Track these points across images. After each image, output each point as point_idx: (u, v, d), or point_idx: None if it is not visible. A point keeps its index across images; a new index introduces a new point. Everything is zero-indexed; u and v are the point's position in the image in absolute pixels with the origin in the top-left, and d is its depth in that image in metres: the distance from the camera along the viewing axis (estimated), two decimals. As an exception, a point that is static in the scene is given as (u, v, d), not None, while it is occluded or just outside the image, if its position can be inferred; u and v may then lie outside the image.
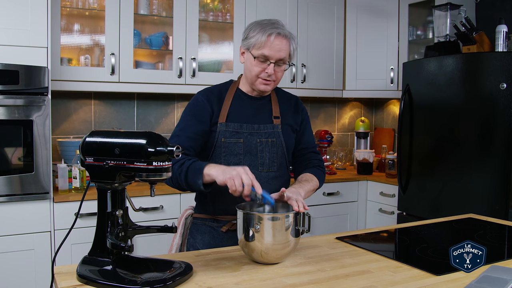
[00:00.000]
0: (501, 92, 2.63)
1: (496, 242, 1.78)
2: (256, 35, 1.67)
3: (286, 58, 1.71)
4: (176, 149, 1.28)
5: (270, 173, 1.76)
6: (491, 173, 2.70)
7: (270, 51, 1.67)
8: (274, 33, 1.66)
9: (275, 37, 1.66)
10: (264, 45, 1.66)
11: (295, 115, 1.88)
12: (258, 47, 1.67)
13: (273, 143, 1.77)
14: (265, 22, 1.71)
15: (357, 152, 3.86)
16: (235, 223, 1.69)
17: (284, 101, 1.89)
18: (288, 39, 1.70)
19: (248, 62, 1.73)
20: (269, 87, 1.76)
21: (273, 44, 1.66)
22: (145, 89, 3.10)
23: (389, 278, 1.33)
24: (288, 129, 1.83)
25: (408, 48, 3.72)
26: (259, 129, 1.76)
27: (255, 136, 1.75)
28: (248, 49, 1.71)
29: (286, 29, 1.72)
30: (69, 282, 1.26)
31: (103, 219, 1.33)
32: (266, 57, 1.68)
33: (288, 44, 1.70)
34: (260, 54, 1.68)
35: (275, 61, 1.69)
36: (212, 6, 3.43)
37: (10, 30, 2.46)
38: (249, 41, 1.70)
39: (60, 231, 2.59)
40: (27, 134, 2.48)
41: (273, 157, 1.77)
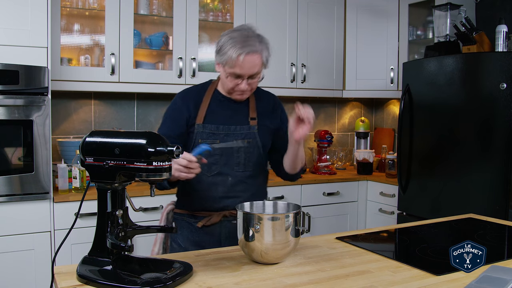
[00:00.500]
0: (501, 92, 2.63)
1: (496, 242, 1.78)
2: (227, 53, 1.68)
3: (259, 71, 1.74)
4: (176, 149, 1.28)
5: (246, 172, 1.82)
6: (491, 173, 2.69)
7: (241, 70, 1.69)
8: (244, 53, 1.66)
9: (245, 57, 1.67)
10: (235, 65, 1.68)
11: (273, 116, 1.92)
12: (230, 66, 1.70)
13: (249, 144, 1.81)
14: (235, 36, 1.70)
15: (357, 152, 3.86)
16: (210, 218, 1.79)
17: (262, 101, 1.91)
18: (259, 53, 1.70)
19: (223, 75, 1.76)
20: (245, 96, 1.81)
21: (244, 63, 1.68)
22: (145, 89, 3.10)
23: (389, 278, 1.33)
24: (264, 129, 1.87)
25: (408, 48, 3.72)
26: (236, 130, 1.81)
27: (231, 137, 1.80)
28: (221, 64, 1.74)
29: (257, 40, 1.71)
30: (69, 282, 1.26)
31: (103, 219, 1.33)
32: (238, 75, 1.71)
33: (259, 58, 1.71)
34: (232, 72, 1.71)
35: (247, 77, 1.72)
36: (212, 6, 3.43)
37: (10, 30, 2.46)
38: (222, 58, 1.71)
39: (60, 231, 2.59)
40: (27, 134, 2.48)
41: (249, 157, 1.82)
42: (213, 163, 1.78)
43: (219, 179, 1.79)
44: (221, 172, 1.80)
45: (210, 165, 1.78)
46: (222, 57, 1.71)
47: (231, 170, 1.80)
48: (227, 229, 1.82)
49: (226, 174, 1.80)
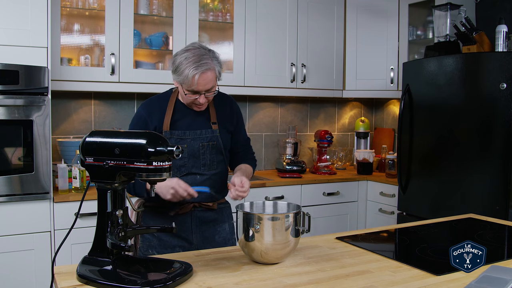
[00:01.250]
0: (501, 92, 2.63)
1: (496, 242, 1.78)
2: (184, 73, 1.78)
3: (215, 84, 1.86)
4: (176, 149, 1.28)
5: (211, 171, 1.98)
6: (491, 173, 2.70)
7: (198, 87, 1.81)
8: (199, 72, 1.77)
9: (200, 75, 1.78)
10: (191, 84, 1.79)
11: (231, 117, 2.06)
12: (187, 86, 1.81)
13: (213, 146, 1.97)
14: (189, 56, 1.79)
15: (357, 152, 3.86)
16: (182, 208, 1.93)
17: (220, 105, 2.04)
18: (212, 70, 1.81)
19: (181, 92, 1.88)
20: (203, 107, 1.94)
21: (200, 81, 1.79)
22: (145, 89, 3.10)
23: (389, 278, 1.33)
24: (224, 131, 2.02)
25: (408, 48, 3.72)
26: (201, 134, 1.95)
27: (197, 140, 1.94)
28: (178, 82, 1.85)
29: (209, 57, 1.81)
30: (69, 282, 1.26)
31: (103, 219, 1.33)
32: (195, 92, 1.83)
33: (213, 74, 1.82)
34: (190, 90, 1.83)
35: (204, 92, 1.84)
36: (212, 6, 3.43)
37: (10, 30, 2.46)
38: (179, 77, 1.82)
39: (60, 231, 2.59)
40: (27, 134, 2.48)
41: (213, 157, 1.98)
42: (181, 165, 1.94)
43: (188, 178, 1.92)
44: (190, 172, 1.95)
45: (179, 167, 1.93)
46: (179, 76, 1.81)
47: (199, 170, 1.96)
48: (198, 218, 1.97)
49: (195, 174, 1.95)
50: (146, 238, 1.96)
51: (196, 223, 1.96)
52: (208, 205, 1.97)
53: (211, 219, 2.00)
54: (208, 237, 1.98)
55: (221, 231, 2.02)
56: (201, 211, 1.97)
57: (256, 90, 3.48)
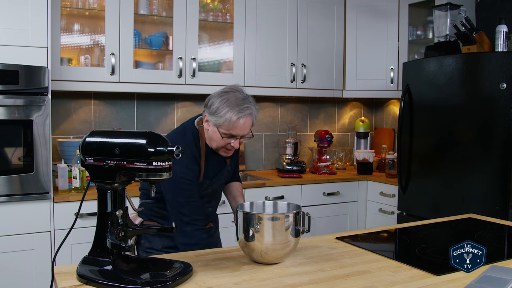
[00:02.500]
0: (501, 92, 2.63)
1: (496, 242, 1.78)
2: (226, 116, 1.71)
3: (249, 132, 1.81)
4: (176, 149, 1.28)
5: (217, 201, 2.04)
6: (491, 173, 2.69)
7: (237, 131, 1.75)
8: (243, 116, 1.72)
9: (243, 120, 1.73)
10: (233, 127, 1.73)
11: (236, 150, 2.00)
12: (227, 128, 1.73)
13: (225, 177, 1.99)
14: (231, 99, 1.73)
15: (357, 152, 3.86)
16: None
17: None
18: (252, 115, 1.77)
19: (214, 134, 1.79)
20: (230, 153, 1.87)
21: (242, 126, 1.74)
22: (145, 89, 3.10)
23: (389, 278, 1.33)
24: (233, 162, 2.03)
25: (408, 48, 3.72)
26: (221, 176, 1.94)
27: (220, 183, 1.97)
28: (215, 124, 1.76)
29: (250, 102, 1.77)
30: (69, 282, 1.26)
31: (103, 219, 1.33)
32: (233, 136, 1.77)
33: (252, 119, 1.78)
34: (229, 133, 1.75)
35: (240, 137, 1.79)
36: (212, 6, 3.43)
37: (10, 30, 2.46)
38: (218, 120, 1.73)
39: (60, 231, 2.59)
40: (27, 134, 2.48)
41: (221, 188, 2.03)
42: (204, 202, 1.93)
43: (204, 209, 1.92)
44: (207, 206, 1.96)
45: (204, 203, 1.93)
46: (218, 119, 1.73)
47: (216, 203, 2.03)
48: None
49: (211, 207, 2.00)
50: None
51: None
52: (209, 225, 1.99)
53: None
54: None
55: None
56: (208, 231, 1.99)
57: (256, 90, 3.47)
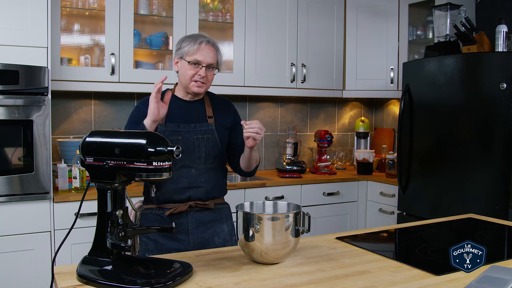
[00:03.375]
0: (501, 92, 2.63)
1: (496, 242, 1.78)
2: (189, 44, 1.93)
3: (215, 64, 1.96)
4: (176, 149, 1.28)
5: (207, 165, 1.97)
6: (491, 173, 2.70)
7: (201, 56, 1.92)
8: (204, 41, 1.94)
9: (205, 45, 1.93)
10: (196, 51, 1.92)
11: (227, 115, 2.09)
12: (191, 54, 1.92)
13: (208, 139, 1.98)
14: (195, 34, 2.00)
15: (357, 152, 3.86)
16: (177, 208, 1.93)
17: (217, 103, 2.09)
18: (215, 49, 1.97)
19: (183, 68, 1.95)
20: (202, 89, 1.97)
21: (204, 50, 1.92)
22: (145, 89, 3.10)
23: (389, 278, 1.33)
24: (221, 127, 2.03)
25: (408, 48, 3.72)
26: (195, 127, 1.97)
27: (192, 133, 1.96)
28: (182, 57, 1.95)
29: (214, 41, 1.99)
30: (69, 282, 1.26)
31: (103, 219, 1.33)
32: (198, 61, 1.91)
33: (215, 53, 1.96)
34: (193, 59, 1.92)
35: (206, 65, 1.92)
36: (212, 6, 3.43)
37: (10, 30, 2.46)
38: (183, 50, 1.94)
39: (60, 231, 2.59)
40: (27, 134, 2.48)
41: (209, 151, 1.98)
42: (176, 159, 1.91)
43: (183, 171, 1.93)
44: (185, 165, 1.94)
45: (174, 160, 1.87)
46: (182, 49, 1.94)
47: (194, 163, 1.95)
48: (194, 219, 1.96)
49: (189, 167, 1.94)
50: (143, 242, 1.96)
51: (193, 224, 1.95)
52: (205, 204, 1.96)
53: (209, 219, 1.99)
54: (207, 239, 1.96)
55: (220, 232, 2.01)
56: (198, 211, 1.96)
57: (256, 90, 3.48)
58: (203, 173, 1.96)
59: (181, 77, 1.98)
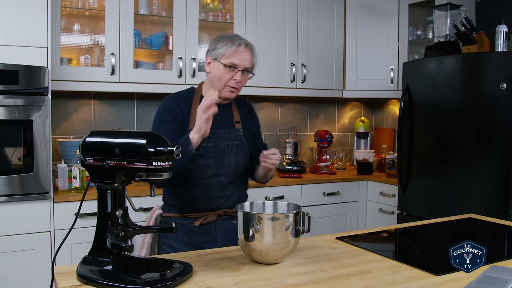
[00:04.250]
0: (501, 92, 2.63)
1: (496, 242, 1.78)
2: (225, 46, 1.83)
3: (251, 68, 1.88)
4: (176, 149, 1.28)
5: (236, 173, 1.91)
6: (491, 173, 2.69)
7: (238, 60, 1.82)
8: (243, 44, 1.84)
9: (243, 48, 1.84)
10: (233, 54, 1.82)
11: (251, 121, 2.04)
12: (228, 56, 1.82)
13: (238, 146, 1.92)
14: (231, 35, 1.89)
15: (357, 152, 3.86)
16: (207, 217, 1.85)
17: (242, 107, 2.03)
18: (252, 52, 1.88)
19: (217, 70, 1.85)
20: (234, 94, 1.90)
21: (241, 54, 1.83)
22: (145, 89, 3.10)
23: (389, 278, 1.33)
24: (247, 133, 1.98)
25: (408, 48, 3.72)
26: (225, 133, 1.90)
27: (222, 140, 1.89)
28: (216, 58, 1.85)
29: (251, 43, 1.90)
30: (69, 282, 1.26)
31: (103, 219, 1.33)
32: (235, 65, 1.83)
33: (251, 56, 1.87)
34: (230, 62, 1.82)
35: (242, 69, 1.84)
36: (212, 6, 3.43)
37: (10, 30, 2.46)
38: (218, 51, 1.84)
39: (60, 231, 2.59)
40: (27, 134, 2.48)
41: (238, 158, 1.92)
42: (207, 166, 1.85)
43: (214, 180, 1.86)
44: (215, 174, 1.87)
45: (204, 167, 1.85)
46: (218, 51, 1.83)
47: (224, 171, 1.88)
48: (222, 228, 1.89)
49: (220, 175, 1.87)
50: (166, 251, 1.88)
51: (221, 233, 1.88)
52: (233, 212, 1.88)
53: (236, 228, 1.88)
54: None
55: None
56: (226, 219, 1.88)
57: (256, 90, 3.48)
58: (232, 182, 1.90)
59: (213, 80, 1.87)
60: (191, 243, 1.87)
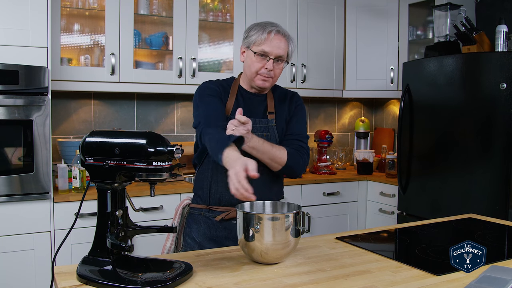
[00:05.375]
0: (501, 92, 2.63)
1: (496, 242, 1.78)
2: (257, 33, 1.77)
3: (284, 56, 1.80)
4: (176, 149, 1.28)
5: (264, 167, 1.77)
6: (491, 173, 2.69)
7: (269, 47, 1.76)
8: (274, 30, 1.76)
9: (274, 34, 1.76)
10: (264, 42, 1.75)
11: (287, 108, 1.94)
12: (259, 44, 1.76)
13: (267, 137, 1.82)
14: (265, 22, 1.82)
15: (357, 152, 3.86)
16: (229, 213, 1.80)
17: (281, 97, 1.95)
18: (286, 39, 1.79)
19: (248, 59, 1.81)
20: (267, 84, 1.83)
21: (273, 41, 1.75)
22: (145, 89, 3.10)
23: (389, 278, 1.33)
24: (280, 123, 1.89)
25: (408, 48, 3.72)
26: (255, 123, 1.81)
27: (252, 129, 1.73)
28: (248, 47, 1.80)
29: (286, 30, 1.82)
30: (69, 282, 1.26)
31: (103, 219, 1.33)
32: (266, 53, 1.76)
33: (286, 43, 1.79)
34: (260, 50, 1.76)
35: (274, 57, 1.77)
36: (212, 6, 3.43)
37: (10, 30, 2.46)
38: (250, 39, 1.79)
39: (60, 231, 2.59)
40: (27, 134, 2.48)
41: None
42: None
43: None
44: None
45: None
46: (250, 38, 1.78)
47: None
48: None
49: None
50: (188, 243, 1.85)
51: None
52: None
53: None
54: None
55: None
56: None
57: (256, 90, 3.47)
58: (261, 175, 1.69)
59: (246, 69, 1.84)
60: (212, 238, 1.83)
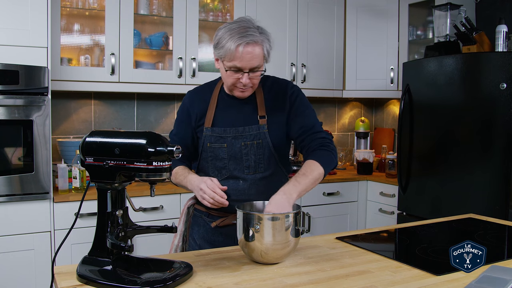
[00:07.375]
0: (501, 92, 2.63)
1: (496, 242, 1.78)
2: (226, 45, 1.58)
3: (260, 65, 1.64)
4: (176, 149, 1.28)
5: (257, 175, 1.74)
6: (491, 173, 2.69)
7: (241, 63, 1.59)
8: (243, 43, 1.57)
9: (244, 47, 1.57)
10: (234, 57, 1.58)
11: (283, 105, 1.77)
12: (229, 59, 1.60)
13: (258, 145, 1.72)
14: (234, 28, 1.60)
15: (357, 152, 3.86)
16: (224, 220, 1.77)
17: (272, 94, 1.78)
18: (259, 44, 1.60)
19: (222, 71, 1.67)
20: (247, 93, 1.70)
21: (243, 55, 1.58)
22: (145, 89, 3.10)
23: (389, 278, 1.33)
24: (275, 126, 1.75)
25: (408, 48, 3.72)
26: (244, 131, 1.72)
27: (239, 139, 1.72)
28: (220, 59, 1.65)
29: (257, 31, 1.61)
30: (69, 282, 1.26)
31: (103, 219, 1.33)
32: (238, 68, 1.61)
33: (260, 49, 1.61)
34: (232, 65, 1.61)
35: (248, 70, 1.62)
36: (212, 6, 3.43)
37: (10, 30, 2.46)
38: (220, 51, 1.62)
39: (60, 231, 2.59)
40: (27, 134, 2.48)
41: (259, 158, 1.73)
42: (222, 167, 1.75)
43: (230, 183, 1.73)
44: (231, 176, 1.74)
45: (220, 169, 1.75)
46: (220, 50, 1.61)
47: (241, 173, 1.73)
48: None
49: (236, 178, 1.74)
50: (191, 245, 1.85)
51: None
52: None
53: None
54: None
55: None
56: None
57: (256, 90, 3.47)
58: (253, 184, 1.73)
59: (223, 79, 1.72)
60: (210, 241, 1.81)
